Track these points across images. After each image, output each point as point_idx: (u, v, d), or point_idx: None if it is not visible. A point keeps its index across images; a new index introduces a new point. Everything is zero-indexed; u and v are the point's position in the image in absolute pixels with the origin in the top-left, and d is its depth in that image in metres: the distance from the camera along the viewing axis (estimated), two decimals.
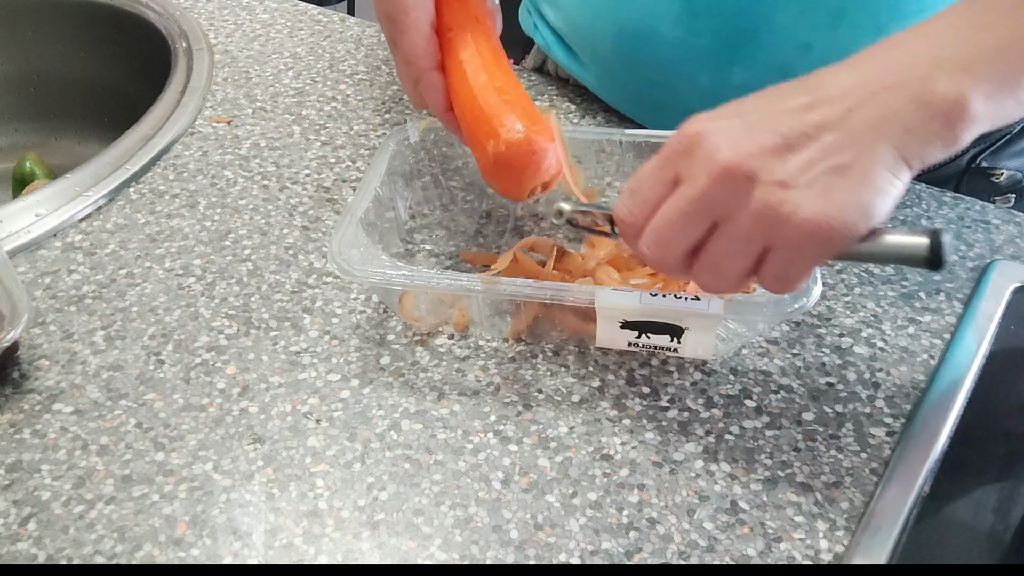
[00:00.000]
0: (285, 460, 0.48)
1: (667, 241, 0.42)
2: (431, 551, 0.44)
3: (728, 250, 0.41)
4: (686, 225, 0.41)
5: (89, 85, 0.96)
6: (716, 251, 0.41)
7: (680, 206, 0.41)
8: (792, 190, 0.38)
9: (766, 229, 0.39)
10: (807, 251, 0.39)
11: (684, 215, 0.41)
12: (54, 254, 0.61)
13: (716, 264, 0.42)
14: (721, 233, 0.41)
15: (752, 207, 0.39)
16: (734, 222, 0.40)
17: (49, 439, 0.49)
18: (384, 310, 0.57)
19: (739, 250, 0.41)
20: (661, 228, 0.42)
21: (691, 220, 0.41)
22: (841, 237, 0.38)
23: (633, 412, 0.50)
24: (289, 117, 0.75)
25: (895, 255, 0.40)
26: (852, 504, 0.46)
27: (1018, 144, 0.68)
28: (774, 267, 0.41)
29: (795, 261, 0.40)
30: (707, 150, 0.40)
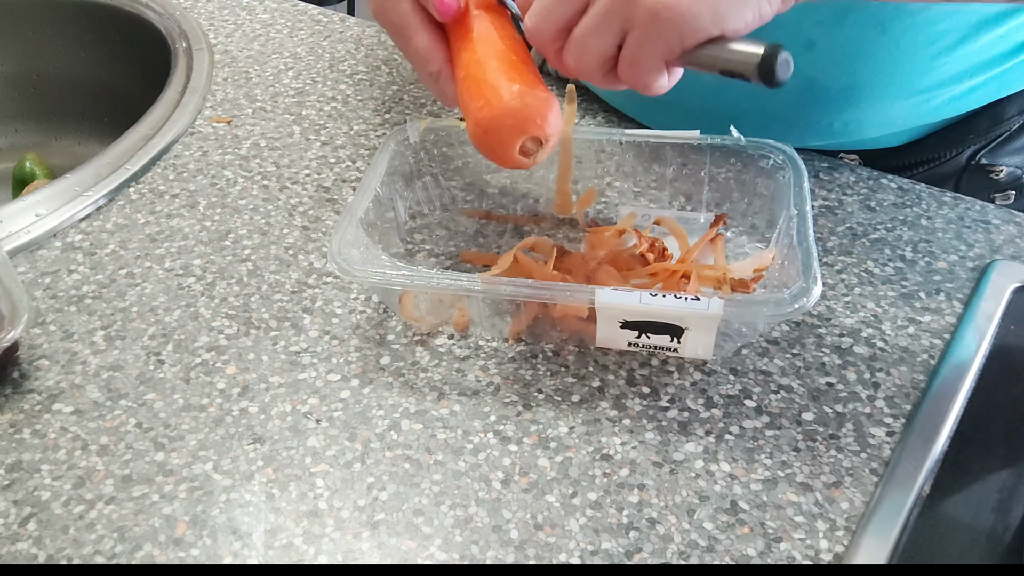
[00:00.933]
0: (285, 460, 0.48)
1: (584, 51, 0.45)
2: (431, 551, 0.44)
3: (592, 25, 0.44)
4: (598, 35, 0.44)
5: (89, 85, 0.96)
6: (583, 27, 0.45)
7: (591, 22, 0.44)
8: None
9: (623, 5, 0.42)
10: (656, 34, 0.42)
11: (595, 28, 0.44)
12: (54, 254, 0.61)
13: (582, 42, 0.45)
14: (589, 11, 0.44)
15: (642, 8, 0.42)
16: (632, 24, 0.43)
17: (49, 439, 0.49)
18: (384, 310, 0.57)
19: (600, 25, 0.44)
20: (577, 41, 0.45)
21: (602, 31, 0.44)
22: (687, 26, 0.41)
23: (633, 412, 0.50)
24: (289, 117, 0.75)
25: (730, 61, 0.41)
26: (852, 504, 0.46)
27: (1018, 141, 0.68)
28: (627, 50, 0.44)
29: (643, 43, 0.43)
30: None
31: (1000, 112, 0.66)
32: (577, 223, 0.63)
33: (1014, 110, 0.66)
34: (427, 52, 0.53)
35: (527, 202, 0.64)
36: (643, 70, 0.44)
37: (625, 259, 0.57)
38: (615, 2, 0.43)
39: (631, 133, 0.60)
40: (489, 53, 0.50)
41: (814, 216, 0.61)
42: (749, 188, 0.60)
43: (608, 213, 0.63)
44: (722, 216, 0.60)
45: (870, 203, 0.64)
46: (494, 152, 0.50)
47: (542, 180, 0.63)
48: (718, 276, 0.56)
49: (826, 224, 0.63)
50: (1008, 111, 0.66)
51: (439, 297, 0.55)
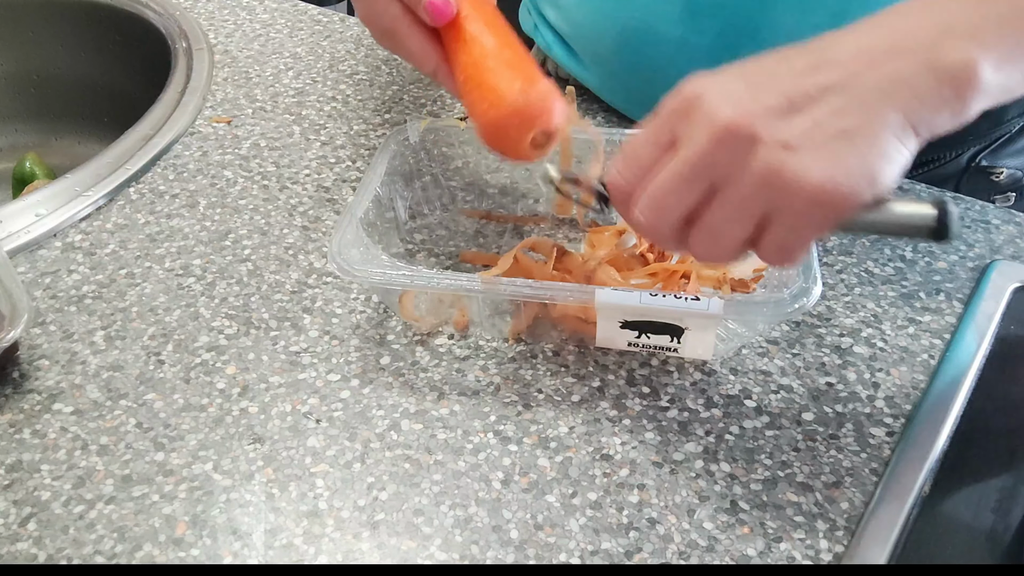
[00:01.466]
0: (285, 460, 0.48)
1: (663, 206, 0.40)
2: (431, 551, 0.44)
3: (727, 216, 0.39)
4: (683, 189, 0.39)
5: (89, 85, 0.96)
6: (715, 217, 0.39)
7: (678, 169, 0.39)
8: (797, 152, 0.36)
9: (769, 193, 0.37)
10: (811, 218, 0.38)
11: (681, 178, 0.39)
12: (54, 254, 0.61)
13: (714, 231, 0.40)
14: (721, 198, 0.39)
15: (754, 170, 0.37)
16: (734, 186, 0.38)
17: (49, 439, 0.49)
18: (384, 310, 0.57)
19: (739, 216, 0.39)
20: (657, 192, 0.40)
21: (688, 183, 0.39)
22: (847, 204, 0.37)
23: (633, 412, 0.50)
24: (289, 117, 0.75)
25: (901, 225, 0.39)
26: (852, 504, 0.46)
27: (1018, 143, 0.68)
28: (776, 235, 0.39)
29: (798, 228, 0.38)
30: (707, 110, 0.38)
31: (1000, 114, 0.66)
32: (577, 223, 0.63)
33: (1014, 112, 0.66)
34: (421, 55, 0.52)
35: (527, 202, 0.64)
36: (795, 252, 0.40)
37: (625, 259, 0.57)
38: (759, 190, 0.37)
39: (631, 133, 0.60)
40: (485, 53, 0.50)
41: None
42: None
43: (608, 213, 0.63)
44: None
45: None
46: (506, 150, 0.50)
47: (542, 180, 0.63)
48: (718, 276, 0.56)
49: None
50: (1008, 113, 0.66)
51: (439, 297, 0.55)
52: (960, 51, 0.37)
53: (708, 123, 0.38)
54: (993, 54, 0.37)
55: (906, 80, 0.37)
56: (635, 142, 0.42)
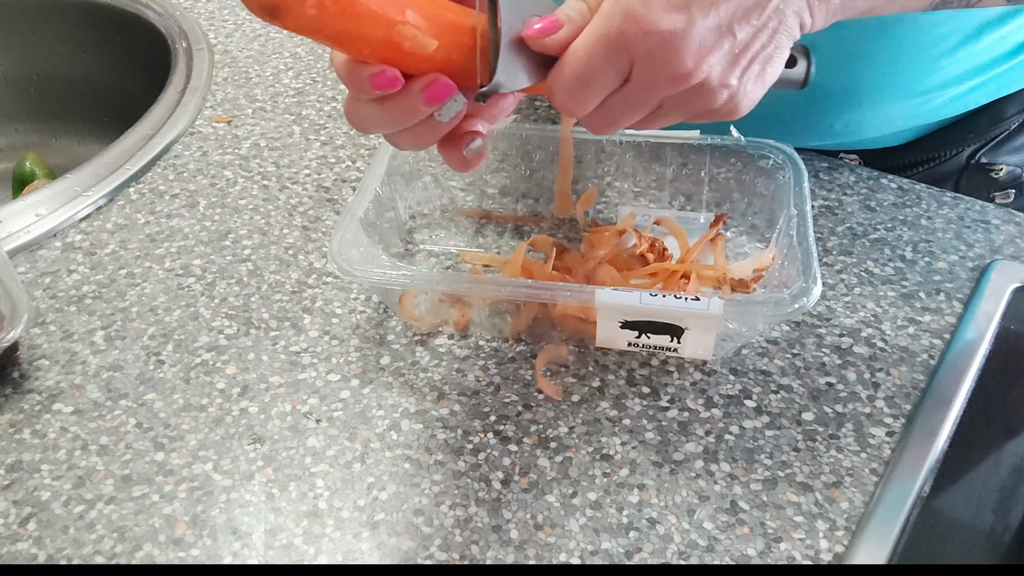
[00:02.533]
0: (285, 460, 0.48)
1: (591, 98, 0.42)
2: (431, 551, 0.44)
3: (632, 106, 0.42)
4: (627, 112, 0.43)
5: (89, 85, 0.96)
6: (619, 104, 0.42)
7: (633, 103, 0.42)
8: (737, 95, 0.42)
9: (691, 105, 0.42)
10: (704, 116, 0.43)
11: (632, 107, 0.42)
12: (54, 254, 0.61)
13: (614, 115, 0.43)
14: (634, 95, 0.42)
15: (695, 103, 0.42)
16: (658, 95, 0.41)
17: (49, 439, 0.49)
18: (384, 310, 0.57)
19: (643, 108, 0.42)
20: (601, 114, 0.43)
21: (635, 110, 0.42)
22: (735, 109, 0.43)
23: (633, 412, 0.50)
24: (289, 117, 0.75)
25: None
26: (852, 504, 0.46)
27: (1017, 139, 0.68)
28: (659, 116, 0.43)
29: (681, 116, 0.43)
30: (669, 54, 0.39)
31: (1000, 111, 0.66)
32: (577, 223, 0.63)
33: (1014, 109, 0.66)
34: None
35: (527, 202, 0.64)
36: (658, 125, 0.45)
37: (625, 259, 0.57)
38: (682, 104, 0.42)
39: (631, 133, 0.60)
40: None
41: (814, 216, 0.61)
42: (749, 188, 0.60)
43: (608, 213, 0.63)
44: (722, 216, 0.60)
45: (870, 203, 0.64)
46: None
47: (542, 180, 0.63)
48: (718, 276, 0.56)
49: (826, 224, 0.63)
50: (1008, 110, 0.66)
51: (439, 297, 0.55)
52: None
53: (667, 70, 0.40)
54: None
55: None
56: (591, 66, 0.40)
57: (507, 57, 0.40)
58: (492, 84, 0.40)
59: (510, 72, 0.40)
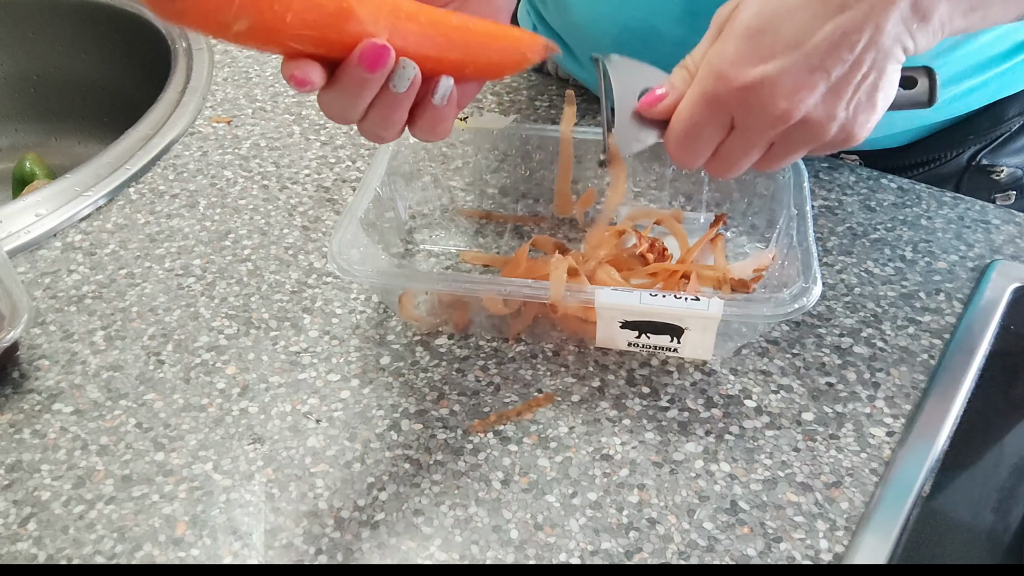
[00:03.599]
0: (285, 460, 0.48)
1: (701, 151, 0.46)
2: (431, 551, 0.44)
3: (743, 150, 0.45)
4: (741, 157, 0.46)
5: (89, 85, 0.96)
6: (730, 151, 0.46)
7: (742, 147, 0.45)
8: (848, 125, 0.43)
9: (803, 143, 0.45)
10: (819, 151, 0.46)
11: (744, 152, 0.45)
12: (54, 254, 0.61)
13: (729, 160, 0.46)
14: (741, 141, 0.45)
15: (805, 138, 0.44)
16: (765, 137, 0.44)
17: (49, 439, 0.49)
18: (384, 310, 0.57)
19: (754, 150, 0.45)
20: (718, 161, 0.46)
21: (747, 153, 0.45)
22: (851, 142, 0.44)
23: (633, 412, 0.50)
24: (289, 117, 0.75)
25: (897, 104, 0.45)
26: (852, 504, 0.46)
27: (1018, 141, 0.68)
28: (772, 156, 0.46)
29: (798, 154, 0.46)
30: (763, 100, 0.42)
31: (1000, 112, 0.66)
32: (577, 223, 0.63)
33: (1014, 110, 0.66)
34: None
35: (527, 202, 0.64)
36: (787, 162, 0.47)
37: (625, 259, 0.57)
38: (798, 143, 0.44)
39: None
40: None
41: (814, 216, 0.61)
42: (749, 188, 0.60)
43: None
44: (722, 216, 0.60)
45: (870, 203, 0.64)
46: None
47: (542, 180, 0.63)
48: (718, 276, 0.56)
49: (826, 224, 0.63)
50: (1008, 111, 0.66)
51: (439, 297, 0.55)
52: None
53: (767, 114, 0.43)
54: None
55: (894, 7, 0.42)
56: (693, 124, 0.45)
57: (625, 124, 0.47)
58: (610, 153, 0.50)
59: (629, 137, 0.47)
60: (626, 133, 0.47)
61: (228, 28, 0.36)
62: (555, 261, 0.51)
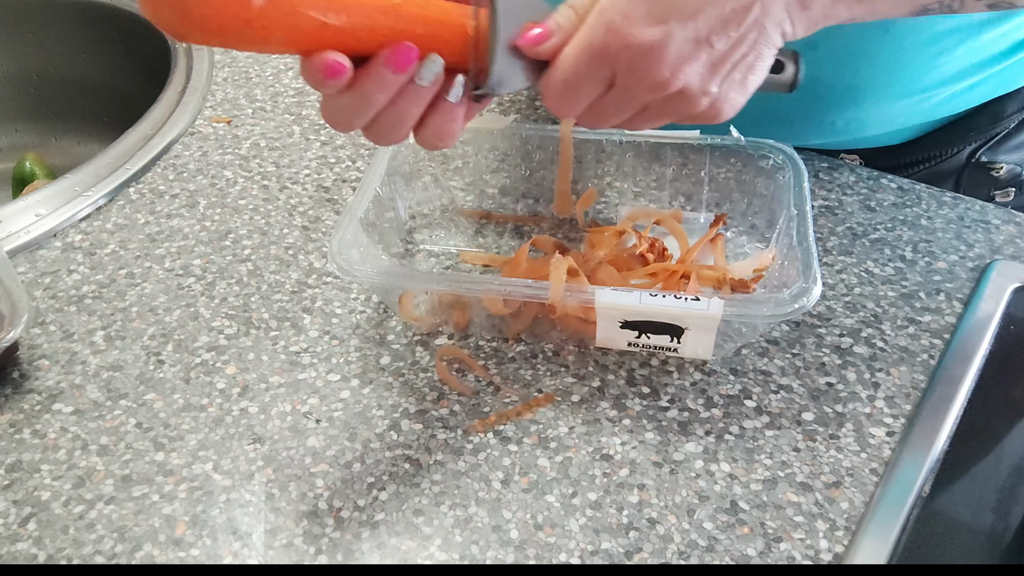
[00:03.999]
0: (285, 460, 0.48)
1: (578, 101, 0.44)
2: (431, 551, 0.44)
3: (618, 108, 0.44)
4: (613, 115, 0.45)
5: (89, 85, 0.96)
6: (606, 107, 0.44)
7: (616, 106, 0.44)
8: (718, 101, 0.43)
9: (674, 112, 0.44)
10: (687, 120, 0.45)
11: (618, 110, 0.44)
12: (54, 254, 0.61)
13: (602, 115, 0.45)
14: (618, 99, 0.44)
15: (677, 108, 0.43)
16: (641, 100, 0.44)
17: (49, 439, 0.49)
18: (384, 310, 0.57)
19: (628, 110, 0.44)
20: (590, 115, 0.45)
21: (620, 113, 0.45)
22: (717, 115, 0.44)
23: (633, 412, 0.50)
24: (289, 117, 0.75)
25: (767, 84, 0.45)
26: (852, 504, 0.46)
27: (1017, 138, 0.68)
28: (646, 118, 0.45)
29: (665, 119, 0.45)
30: (648, 64, 0.41)
31: (1000, 109, 0.66)
32: (577, 223, 0.63)
33: (1014, 107, 0.66)
34: None
35: (527, 202, 0.64)
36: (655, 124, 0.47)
37: (625, 259, 0.57)
38: (667, 110, 0.44)
39: (631, 133, 0.60)
40: None
41: (814, 216, 0.61)
42: (749, 188, 0.60)
43: (608, 213, 0.63)
44: (722, 216, 0.60)
45: (870, 203, 0.64)
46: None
47: (542, 180, 0.63)
48: (718, 276, 0.56)
49: (826, 224, 0.63)
50: (1008, 108, 0.66)
51: (439, 297, 0.55)
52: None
53: (648, 78, 0.42)
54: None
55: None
56: (576, 74, 0.43)
57: (503, 60, 0.42)
58: (488, 85, 0.42)
59: (506, 74, 0.43)
60: (503, 68, 0.42)
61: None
62: (555, 261, 0.50)
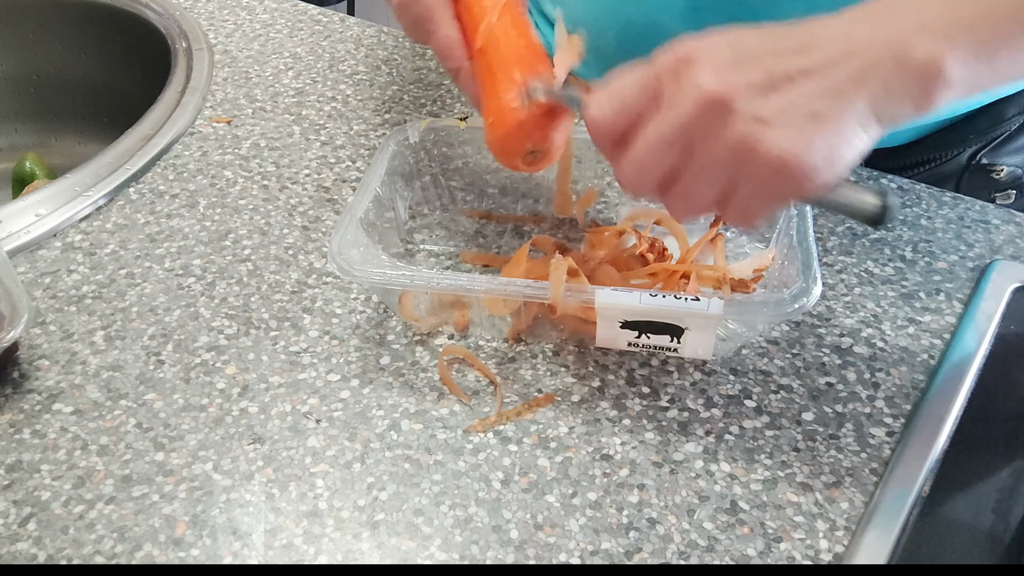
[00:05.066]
0: (285, 460, 0.48)
1: (647, 165, 0.43)
2: (431, 551, 0.44)
3: (701, 178, 0.42)
4: (665, 150, 0.42)
5: (89, 85, 0.96)
6: (689, 178, 0.43)
7: (662, 129, 0.42)
8: (769, 127, 0.39)
9: (738, 160, 0.40)
10: (772, 188, 0.41)
11: (664, 139, 0.42)
12: (54, 254, 0.61)
13: (688, 191, 0.43)
14: (696, 161, 0.42)
15: (728, 138, 0.40)
16: (710, 151, 0.41)
17: (49, 439, 0.49)
18: (384, 310, 0.57)
19: (710, 179, 0.42)
20: (643, 153, 0.43)
21: (670, 145, 0.42)
22: (806, 180, 0.40)
23: (633, 412, 0.50)
24: (289, 117, 0.75)
25: (850, 207, 0.42)
26: (852, 504, 0.46)
27: (1018, 140, 0.68)
28: (740, 200, 0.42)
29: (760, 196, 0.42)
30: (695, 76, 0.40)
31: (1001, 112, 0.66)
32: (577, 223, 0.63)
33: (1014, 110, 0.66)
34: (447, 48, 0.53)
35: (527, 202, 0.64)
36: (754, 218, 0.43)
37: (625, 259, 0.57)
38: (730, 156, 0.40)
39: None
40: (502, 57, 0.51)
41: (814, 216, 0.61)
42: None
43: (608, 213, 0.63)
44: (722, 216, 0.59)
45: None
46: (501, 160, 0.53)
47: (542, 180, 0.63)
48: (718, 276, 0.56)
49: (826, 224, 0.63)
50: (1008, 111, 0.66)
51: (439, 297, 0.55)
52: (931, 47, 0.39)
53: (694, 89, 0.40)
54: (961, 51, 0.39)
55: (877, 72, 0.39)
56: (623, 83, 0.44)
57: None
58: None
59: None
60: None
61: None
62: (555, 262, 0.50)
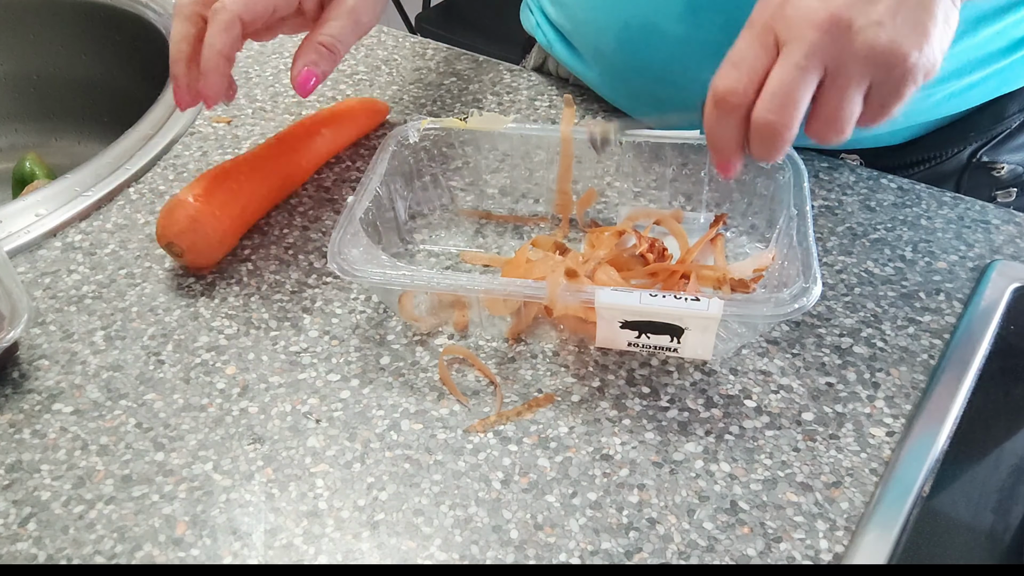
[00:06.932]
0: (285, 460, 0.48)
1: (791, 100, 0.44)
2: (431, 551, 0.44)
3: (845, 94, 0.44)
4: (805, 80, 0.43)
5: (89, 85, 0.96)
6: (834, 99, 0.44)
7: (796, 61, 0.43)
8: (887, 28, 0.42)
9: (874, 64, 0.43)
10: (904, 81, 0.44)
11: (801, 70, 0.43)
12: (54, 254, 0.61)
13: (834, 113, 0.45)
14: (835, 81, 0.44)
15: (859, 47, 0.42)
16: (845, 65, 0.43)
17: (49, 439, 0.49)
18: (384, 310, 0.57)
19: (854, 91, 0.44)
20: (782, 90, 0.44)
21: (808, 73, 0.43)
22: (932, 68, 0.43)
23: (633, 412, 0.50)
24: (289, 117, 0.75)
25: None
26: (852, 504, 0.46)
27: (1018, 138, 0.68)
28: (876, 100, 0.44)
29: (894, 92, 0.44)
30: (802, 9, 0.43)
31: (1001, 109, 0.66)
32: (577, 223, 0.63)
33: (1015, 107, 0.66)
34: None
35: (527, 202, 0.64)
36: (890, 114, 0.45)
37: (625, 259, 0.57)
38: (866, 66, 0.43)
39: (632, 133, 0.60)
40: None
41: (814, 216, 0.61)
42: (749, 188, 0.59)
43: (608, 213, 0.63)
44: (722, 216, 0.59)
45: (870, 203, 0.64)
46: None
47: (542, 180, 0.63)
48: (718, 276, 0.56)
49: (826, 224, 0.63)
50: (1009, 108, 0.66)
51: (439, 297, 0.55)
52: None
53: (807, 19, 0.43)
54: None
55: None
56: (737, 49, 0.46)
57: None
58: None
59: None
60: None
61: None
62: (552, 263, 0.50)
